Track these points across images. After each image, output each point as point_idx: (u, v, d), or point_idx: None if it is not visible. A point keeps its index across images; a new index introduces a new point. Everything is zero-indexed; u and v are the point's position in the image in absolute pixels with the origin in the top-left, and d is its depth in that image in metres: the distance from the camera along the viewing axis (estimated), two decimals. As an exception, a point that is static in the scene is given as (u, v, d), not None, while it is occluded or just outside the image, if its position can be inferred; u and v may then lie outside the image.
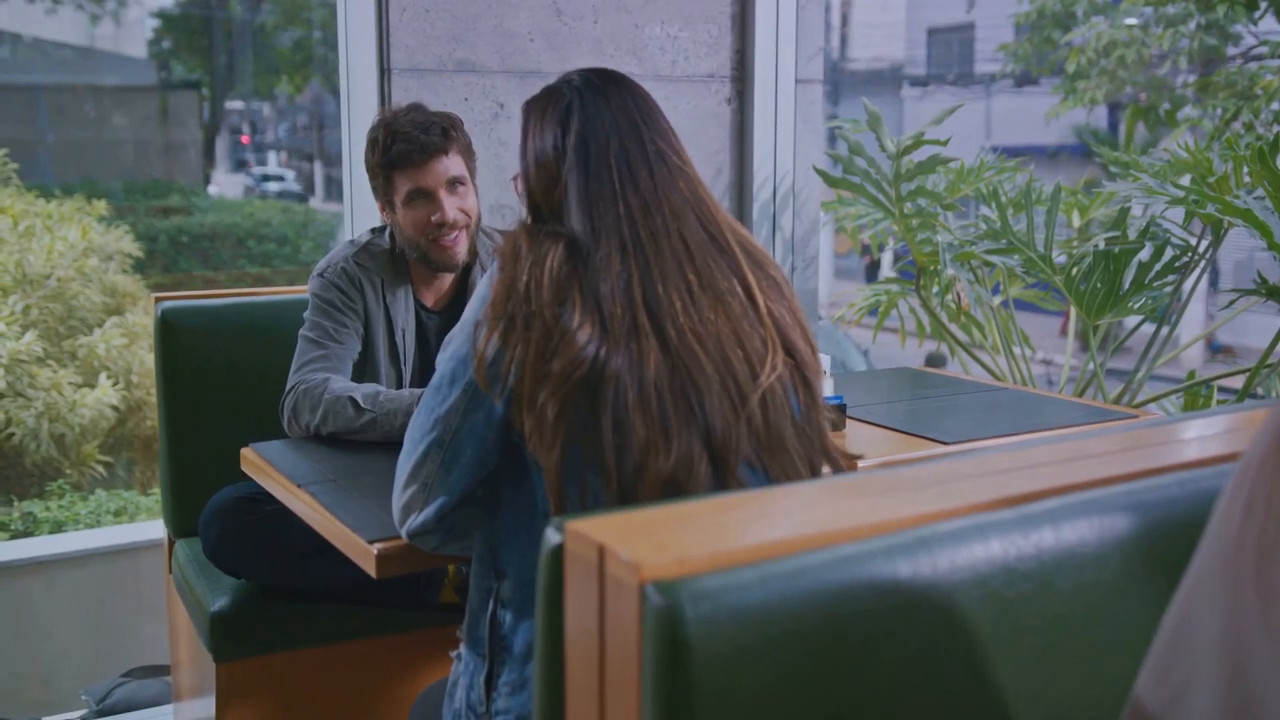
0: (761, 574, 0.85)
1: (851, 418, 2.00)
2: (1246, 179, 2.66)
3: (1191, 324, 10.73)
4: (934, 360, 9.24)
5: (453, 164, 2.04)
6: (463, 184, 2.06)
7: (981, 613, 0.93)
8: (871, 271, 14.57)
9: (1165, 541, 1.01)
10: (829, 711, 0.86)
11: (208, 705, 2.07)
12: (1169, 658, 0.76)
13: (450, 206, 2.02)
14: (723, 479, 1.26)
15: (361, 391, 1.93)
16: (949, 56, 20.08)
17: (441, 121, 2.05)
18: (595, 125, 1.39)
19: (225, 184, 14.73)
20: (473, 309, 1.35)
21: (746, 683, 0.83)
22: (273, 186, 15.72)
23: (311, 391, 1.96)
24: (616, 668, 0.85)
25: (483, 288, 1.35)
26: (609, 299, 1.29)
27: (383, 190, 2.08)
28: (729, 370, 1.29)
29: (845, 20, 20.73)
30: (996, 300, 3.16)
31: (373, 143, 2.07)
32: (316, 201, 15.04)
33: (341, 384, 1.98)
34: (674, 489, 1.24)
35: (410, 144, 2.00)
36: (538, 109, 1.44)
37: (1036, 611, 0.96)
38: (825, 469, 1.38)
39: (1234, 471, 0.72)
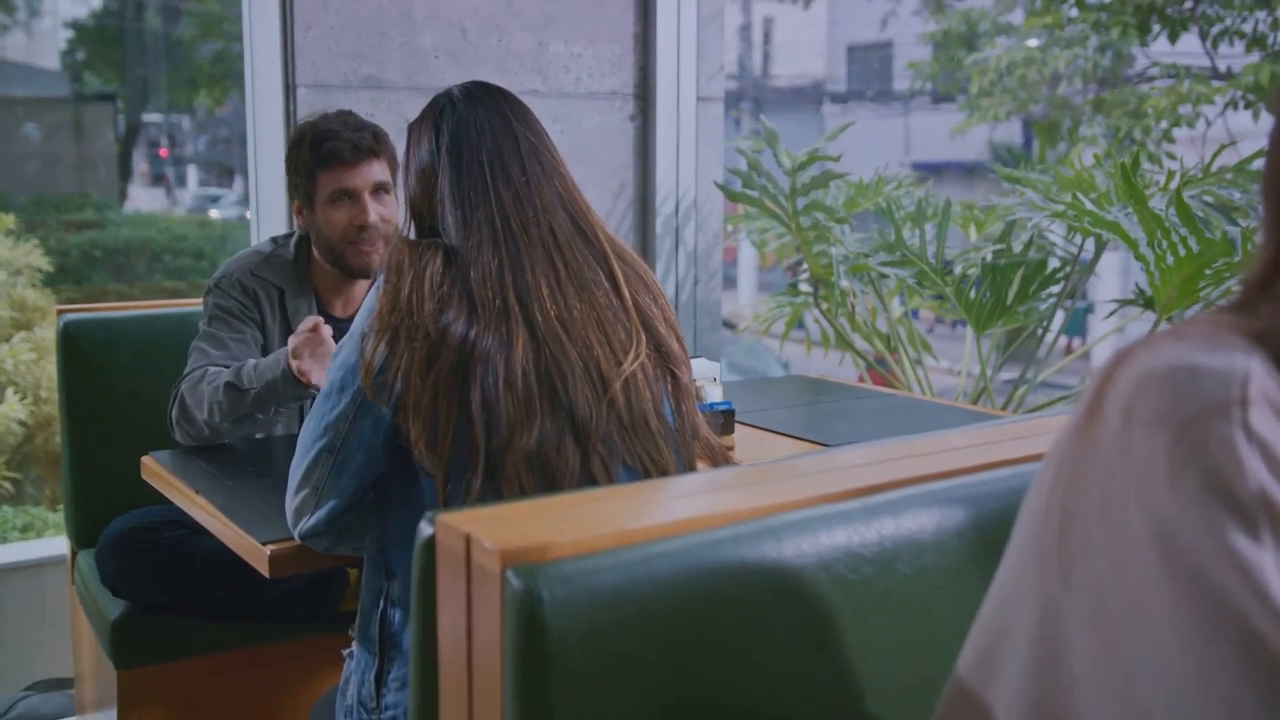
0: (617, 560, 0.92)
1: (741, 422, 2.08)
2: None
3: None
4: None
5: (380, 170, 2.04)
6: (386, 192, 2.06)
7: (826, 594, 1.00)
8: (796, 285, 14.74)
9: (1000, 529, 1.07)
10: (679, 687, 0.92)
11: (110, 716, 2.08)
12: (991, 639, 0.83)
13: (373, 210, 2.01)
14: (587, 458, 1.33)
15: (232, 372, 1.88)
16: (869, 73, 20.43)
17: (373, 128, 2.05)
18: (467, 124, 1.44)
19: (141, 198, 14.49)
20: (361, 319, 1.40)
21: (601, 660, 0.88)
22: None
23: (195, 388, 1.92)
24: (482, 648, 0.91)
25: (370, 298, 1.40)
26: (480, 285, 1.35)
27: (304, 189, 2.04)
28: (590, 356, 1.36)
29: (768, 38, 21.02)
30: (899, 312, 3.27)
31: (300, 138, 2.04)
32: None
33: (215, 372, 1.92)
34: (540, 466, 1.31)
35: (342, 143, 2.00)
36: (416, 124, 1.50)
37: (878, 593, 1.03)
38: (699, 456, 1.45)
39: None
